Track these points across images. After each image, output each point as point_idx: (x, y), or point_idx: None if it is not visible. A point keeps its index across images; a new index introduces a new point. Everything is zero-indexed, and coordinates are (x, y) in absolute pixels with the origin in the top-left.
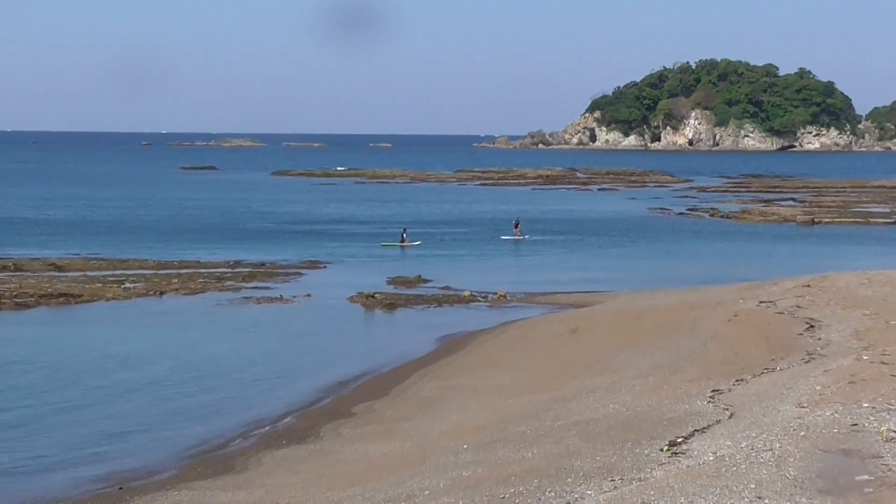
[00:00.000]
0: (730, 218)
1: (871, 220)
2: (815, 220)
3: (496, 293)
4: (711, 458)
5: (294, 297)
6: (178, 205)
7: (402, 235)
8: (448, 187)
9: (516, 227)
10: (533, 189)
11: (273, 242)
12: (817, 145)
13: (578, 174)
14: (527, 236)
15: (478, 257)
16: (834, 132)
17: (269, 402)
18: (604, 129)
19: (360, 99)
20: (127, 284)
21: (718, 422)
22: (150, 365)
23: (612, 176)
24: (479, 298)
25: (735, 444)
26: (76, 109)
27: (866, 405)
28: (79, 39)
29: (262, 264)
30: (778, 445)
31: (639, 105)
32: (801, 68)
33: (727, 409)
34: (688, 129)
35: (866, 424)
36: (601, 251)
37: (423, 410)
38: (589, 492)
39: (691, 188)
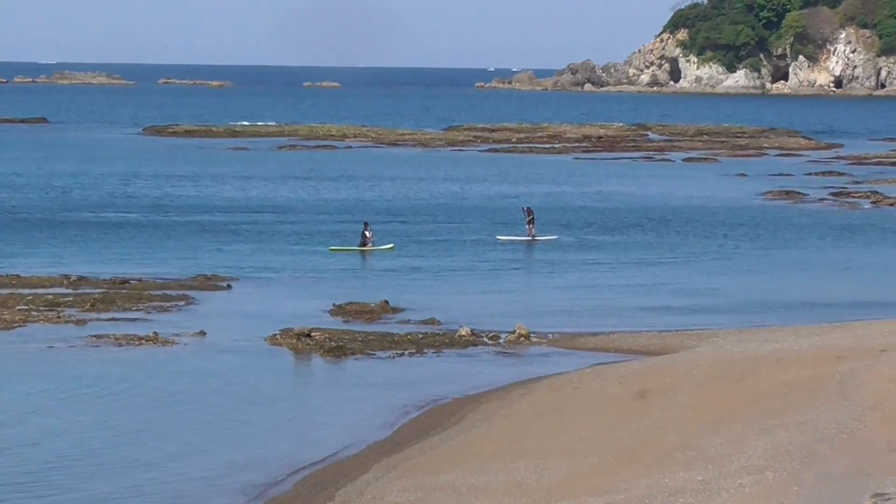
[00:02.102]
0: None
1: None
2: None
3: (513, 331)
4: None
5: (178, 335)
6: None
7: (364, 234)
8: (434, 155)
9: (529, 220)
10: (576, 159)
11: (143, 245)
12: None
13: (651, 134)
14: (555, 237)
15: (482, 272)
16: None
17: None
18: (693, 59)
19: (286, 12)
20: None
21: None
22: None
23: (706, 138)
24: (485, 339)
25: None
26: None
27: None
28: None
29: (125, 282)
30: None
31: (752, 20)
32: None
33: None
34: (834, 59)
35: None
36: (686, 263)
37: None
38: None
39: (839, 158)
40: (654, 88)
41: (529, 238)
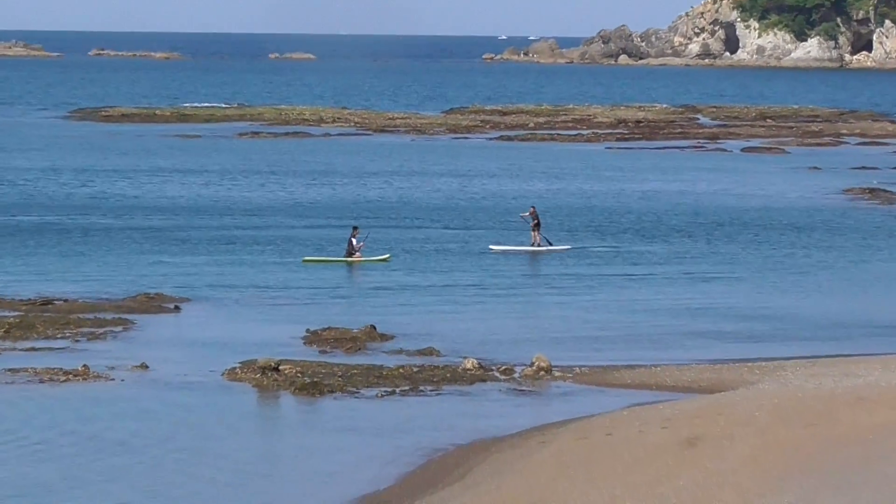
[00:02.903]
0: None
1: None
2: None
3: (531, 363)
4: None
5: (113, 369)
6: None
7: (351, 241)
8: (432, 144)
9: (534, 225)
10: (608, 149)
11: (70, 257)
12: None
13: (701, 118)
14: (568, 246)
15: (492, 289)
16: None
17: None
18: (754, 25)
19: None
20: None
21: None
22: None
23: (770, 123)
24: (496, 374)
25: None
26: None
27: None
28: None
29: (48, 302)
30: None
31: None
32: None
33: None
34: None
35: None
36: (745, 278)
37: None
38: None
39: None
40: (706, 61)
41: (534, 247)
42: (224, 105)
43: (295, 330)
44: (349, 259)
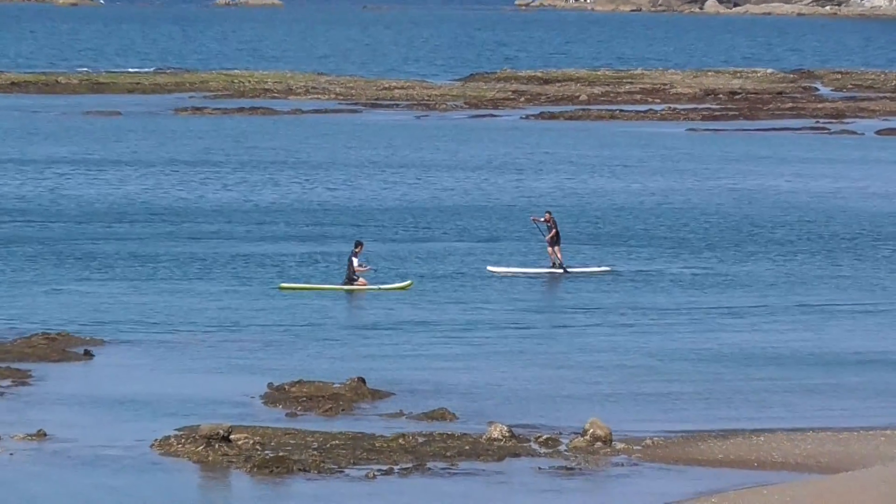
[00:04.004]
0: None
1: None
2: None
3: (582, 431)
4: None
5: None
6: None
7: (351, 259)
8: (445, 124)
9: (553, 239)
10: (690, 130)
11: None
12: None
13: (821, 88)
14: (606, 267)
15: (522, 327)
16: None
17: None
18: None
19: None
20: None
21: None
22: None
23: None
24: (534, 445)
25: None
26: None
27: None
28: None
29: None
30: None
31: None
32: None
33: None
34: None
35: None
36: (879, 312)
37: None
38: None
39: None
40: (827, 9)
41: (554, 268)
42: (154, 70)
43: (253, 384)
44: (352, 285)
